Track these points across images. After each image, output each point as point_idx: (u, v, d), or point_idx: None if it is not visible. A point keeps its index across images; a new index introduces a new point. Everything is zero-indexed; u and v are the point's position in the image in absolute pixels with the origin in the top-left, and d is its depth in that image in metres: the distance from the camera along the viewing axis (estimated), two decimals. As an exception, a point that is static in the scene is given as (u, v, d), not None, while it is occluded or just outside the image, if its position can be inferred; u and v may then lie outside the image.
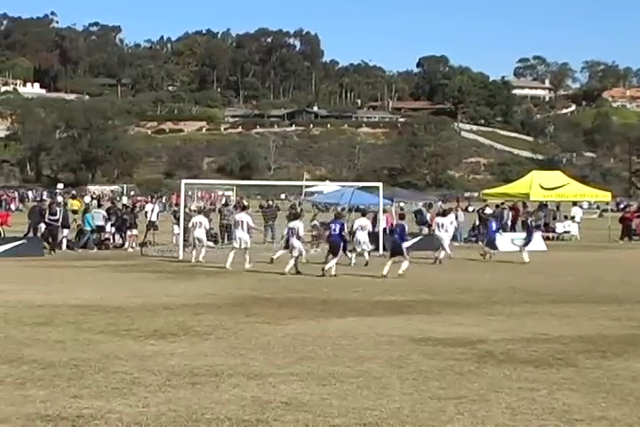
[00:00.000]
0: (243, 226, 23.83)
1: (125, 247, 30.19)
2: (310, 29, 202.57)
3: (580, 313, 14.95)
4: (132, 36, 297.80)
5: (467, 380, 9.36)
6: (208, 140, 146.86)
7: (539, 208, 39.89)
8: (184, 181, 30.24)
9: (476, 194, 75.75)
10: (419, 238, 30.30)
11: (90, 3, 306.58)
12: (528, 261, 26.03)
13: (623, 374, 9.78)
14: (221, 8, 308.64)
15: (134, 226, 30.85)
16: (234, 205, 35.30)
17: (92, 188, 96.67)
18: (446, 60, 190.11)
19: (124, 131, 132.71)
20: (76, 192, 66.88)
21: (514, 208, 38.15)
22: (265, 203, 39.10)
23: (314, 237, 28.74)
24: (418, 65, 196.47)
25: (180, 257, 26.10)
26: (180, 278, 20.64)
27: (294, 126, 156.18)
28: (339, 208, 33.56)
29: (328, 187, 49.18)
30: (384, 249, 28.12)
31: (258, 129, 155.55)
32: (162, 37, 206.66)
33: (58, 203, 33.69)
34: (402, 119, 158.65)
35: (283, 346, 11.36)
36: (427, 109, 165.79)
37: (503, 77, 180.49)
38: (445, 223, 26.95)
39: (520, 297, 17.32)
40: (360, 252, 24.63)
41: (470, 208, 49.11)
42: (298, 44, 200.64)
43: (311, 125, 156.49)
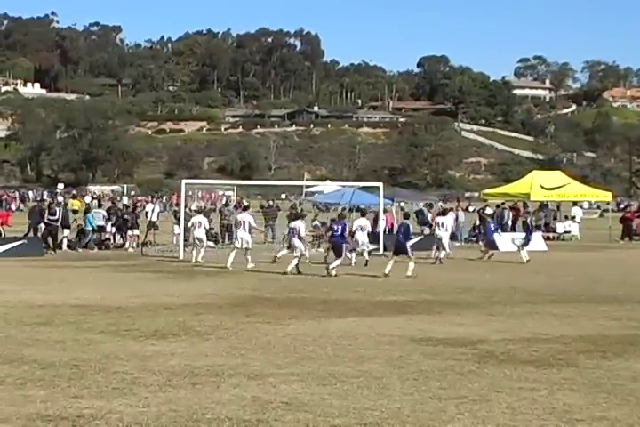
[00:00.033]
0: (244, 226, 23.81)
1: (126, 247, 30.18)
2: (311, 29, 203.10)
3: (581, 313, 14.94)
4: (133, 36, 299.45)
5: (467, 380, 9.36)
6: (208, 140, 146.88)
7: (539, 208, 39.91)
8: (184, 181, 30.23)
9: (476, 194, 75.79)
10: (419, 238, 30.30)
11: (90, 3, 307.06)
12: (526, 260, 26.07)
13: (624, 375, 9.78)
14: (222, 8, 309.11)
15: (136, 226, 30.84)
16: (234, 205, 35.30)
17: (92, 188, 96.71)
18: (447, 60, 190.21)
19: (124, 131, 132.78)
20: (76, 192, 66.96)
21: (514, 208, 38.16)
22: (265, 203, 39.13)
23: (315, 237, 28.74)
24: (418, 65, 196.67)
25: (181, 257, 26.10)
26: (181, 278, 20.64)
27: (295, 126, 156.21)
28: (339, 208, 33.58)
29: (328, 187, 49.21)
30: (385, 249, 28.17)
31: (258, 129, 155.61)
32: (162, 37, 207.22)
33: (57, 203, 33.69)
34: (402, 119, 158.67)
35: (283, 346, 11.36)
36: (427, 109, 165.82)
37: (504, 77, 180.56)
38: (445, 222, 26.97)
39: (521, 297, 17.32)
40: (360, 252, 24.64)
41: (471, 208, 49.08)
42: (298, 44, 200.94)
43: (312, 125, 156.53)
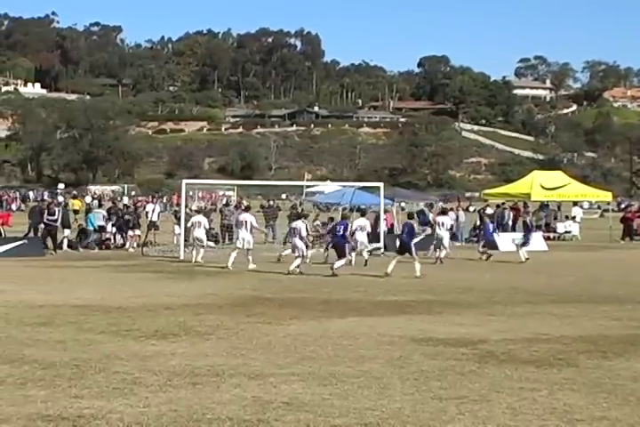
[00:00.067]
0: (246, 226, 23.73)
1: (126, 247, 30.19)
2: (311, 29, 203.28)
3: (582, 313, 14.94)
4: (133, 36, 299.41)
5: (468, 380, 9.35)
6: (209, 141, 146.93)
7: (540, 208, 39.93)
8: (185, 181, 30.19)
9: (476, 194, 75.79)
10: (420, 238, 30.28)
11: (91, 3, 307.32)
12: (525, 260, 26.07)
13: (624, 375, 9.77)
14: (222, 8, 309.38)
15: (137, 226, 30.85)
16: (234, 206, 35.31)
17: (92, 188, 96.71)
18: (447, 60, 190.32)
19: (124, 131, 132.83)
20: (77, 192, 67.04)
21: (515, 208, 38.15)
22: (266, 203, 39.15)
23: (316, 237, 28.71)
24: (419, 65, 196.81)
25: (181, 257, 26.09)
26: (181, 278, 20.63)
27: (295, 126, 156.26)
28: (340, 208, 33.56)
29: (329, 187, 49.13)
30: (385, 249, 28.19)
31: (259, 129, 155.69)
32: (163, 37, 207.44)
33: (56, 203, 33.69)
34: (403, 119, 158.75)
35: (284, 346, 11.36)
36: (427, 109, 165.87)
37: (504, 77, 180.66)
38: (445, 222, 26.97)
39: (521, 297, 17.31)
40: (359, 251, 24.63)
41: (471, 208, 49.11)
42: (299, 44, 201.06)
43: (312, 125, 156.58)
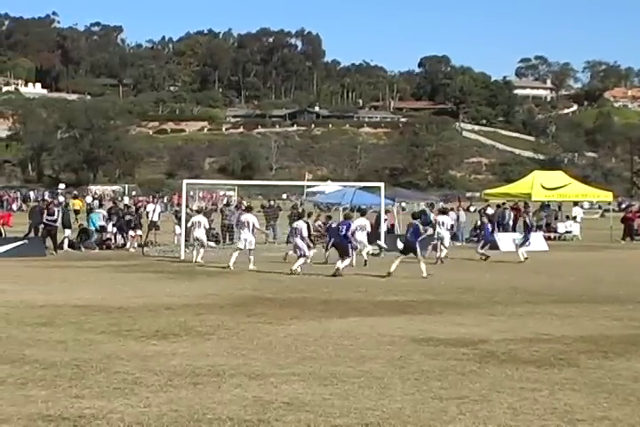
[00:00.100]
0: (248, 227, 23.70)
1: (127, 247, 30.20)
2: (312, 29, 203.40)
3: (582, 313, 14.93)
4: (134, 36, 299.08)
5: (468, 380, 9.35)
6: (209, 141, 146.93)
7: (540, 208, 39.94)
8: (185, 181, 30.18)
9: (477, 194, 75.83)
10: (421, 238, 30.25)
11: (91, 3, 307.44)
12: (523, 260, 26.07)
13: (625, 375, 9.77)
14: (223, 8, 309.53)
15: (139, 226, 30.86)
16: (235, 206, 35.34)
17: (93, 188, 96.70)
18: (448, 60, 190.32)
19: (125, 131, 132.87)
20: (77, 192, 67.10)
21: (515, 208, 38.16)
22: (267, 203, 39.17)
23: (317, 237, 28.73)
24: (419, 65, 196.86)
25: (182, 257, 26.10)
26: (182, 279, 20.62)
27: (296, 126, 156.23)
28: (340, 208, 33.57)
29: (329, 187, 49.21)
30: (383, 248, 28.22)
31: (259, 129, 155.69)
32: (163, 37, 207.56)
33: (56, 203, 33.68)
34: (403, 119, 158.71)
35: (284, 346, 11.36)
36: (428, 109, 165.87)
37: (505, 77, 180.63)
38: (446, 221, 26.97)
39: (522, 297, 17.31)
40: (358, 251, 24.61)
41: (472, 208, 49.10)
42: (299, 44, 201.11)
43: (313, 125, 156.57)
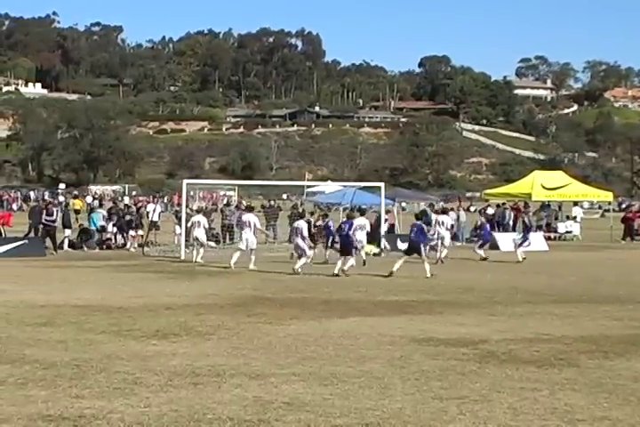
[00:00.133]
0: (250, 226, 23.67)
1: (127, 247, 30.20)
2: (312, 29, 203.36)
3: (582, 313, 14.93)
4: (134, 36, 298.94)
5: (469, 380, 9.35)
6: (210, 141, 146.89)
7: (540, 208, 39.95)
8: (186, 181, 30.19)
9: (477, 194, 75.85)
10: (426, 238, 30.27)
11: (92, 3, 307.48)
12: (521, 260, 26.05)
13: (625, 375, 9.76)
14: (223, 8, 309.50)
15: (140, 226, 30.87)
16: (235, 206, 35.36)
17: (93, 188, 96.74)
18: (448, 60, 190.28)
19: (125, 131, 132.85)
20: (77, 192, 67.12)
21: (516, 208, 38.17)
22: (267, 203, 39.18)
23: (320, 237, 28.69)
24: (419, 65, 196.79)
25: (182, 257, 26.09)
26: (182, 278, 20.63)
27: (296, 126, 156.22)
28: (340, 208, 33.59)
29: (330, 187, 49.18)
30: (386, 249, 28.24)
31: (259, 129, 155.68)
32: (164, 37, 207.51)
33: (55, 203, 33.66)
34: (403, 119, 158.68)
35: (284, 346, 11.35)
36: (428, 109, 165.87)
37: (505, 77, 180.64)
38: (446, 221, 26.96)
39: (522, 297, 17.31)
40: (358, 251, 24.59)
41: (472, 208, 49.10)
42: (300, 44, 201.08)
43: (313, 125, 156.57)
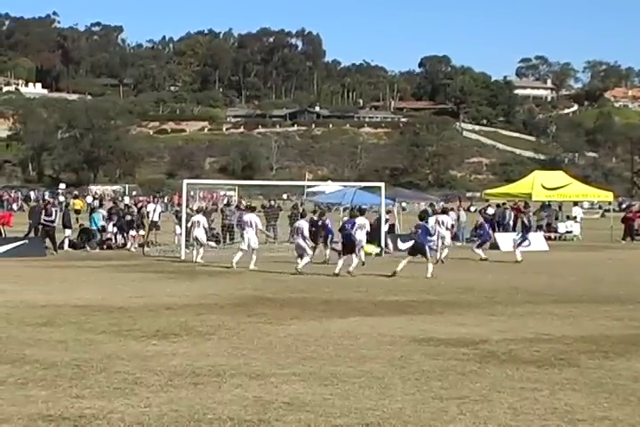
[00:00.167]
0: (252, 226, 23.67)
1: (128, 247, 30.20)
2: (312, 29, 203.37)
3: (583, 313, 14.93)
4: (134, 36, 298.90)
5: (469, 380, 9.34)
6: (210, 141, 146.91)
7: (541, 208, 39.95)
8: (186, 181, 30.19)
9: (478, 194, 75.87)
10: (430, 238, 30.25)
11: (92, 3, 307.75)
12: (520, 260, 26.03)
13: (625, 375, 9.76)
14: (223, 8, 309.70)
15: (142, 226, 30.88)
16: (235, 206, 35.38)
17: (94, 188, 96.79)
18: (448, 60, 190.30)
19: (125, 131, 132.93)
20: (78, 192, 67.14)
21: (516, 208, 38.16)
22: (267, 203, 39.21)
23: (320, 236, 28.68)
24: (420, 65, 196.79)
25: (182, 257, 26.09)
26: (182, 278, 20.63)
27: (296, 126, 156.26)
28: (340, 208, 33.61)
29: (330, 187, 49.20)
30: (386, 249, 28.25)
31: (260, 129, 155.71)
32: (164, 37, 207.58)
33: (54, 204, 33.64)
34: (404, 119, 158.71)
35: (285, 346, 11.35)
36: (429, 109, 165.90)
37: (505, 77, 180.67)
38: (446, 221, 26.96)
39: (522, 297, 17.30)
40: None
41: (472, 208, 49.11)
42: (300, 44, 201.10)
43: (313, 125, 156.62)
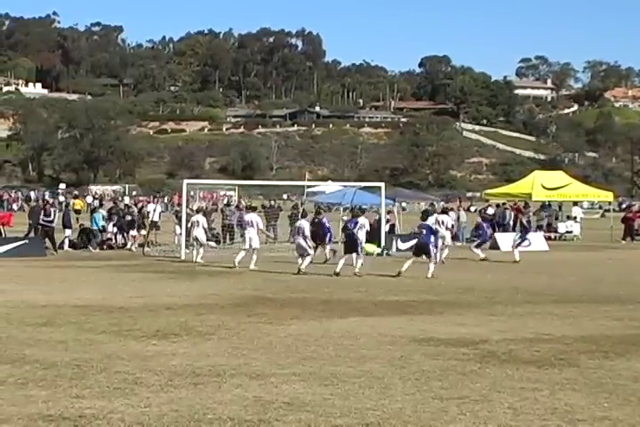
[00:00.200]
0: (253, 226, 23.69)
1: (128, 247, 30.19)
2: (312, 29, 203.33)
3: (583, 313, 14.93)
4: (134, 36, 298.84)
5: (469, 380, 9.34)
6: (210, 141, 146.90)
7: (541, 208, 39.96)
8: (186, 181, 30.18)
9: (478, 194, 75.89)
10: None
11: (92, 3, 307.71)
12: (518, 260, 26.03)
13: (625, 375, 9.76)
14: (223, 8, 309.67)
15: (143, 226, 30.88)
16: (235, 206, 35.40)
17: (94, 188, 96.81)
18: (448, 60, 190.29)
19: (126, 131, 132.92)
20: (78, 192, 67.16)
21: (516, 208, 38.16)
22: (267, 203, 39.23)
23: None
24: (420, 65, 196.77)
25: (182, 257, 26.09)
26: (183, 278, 20.63)
27: (296, 126, 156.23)
28: (341, 208, 33.60)
29: (330, 187, 49.16)
30: (388, 249, 28.27)
31: (260, 129, 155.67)
32: (164, 37, 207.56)
33: (52, 204, 33.60)
34: (404, 119, 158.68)
35: (285, 346, 11.35)
36: (429, 109, 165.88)
37: (505, 77, 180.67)
38: (446, 221, 26.95)
39: (522, 297, 17.30)
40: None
41: (472, 208, 49.10)
42: (300, 44, 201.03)
43: (313, 125, 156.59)
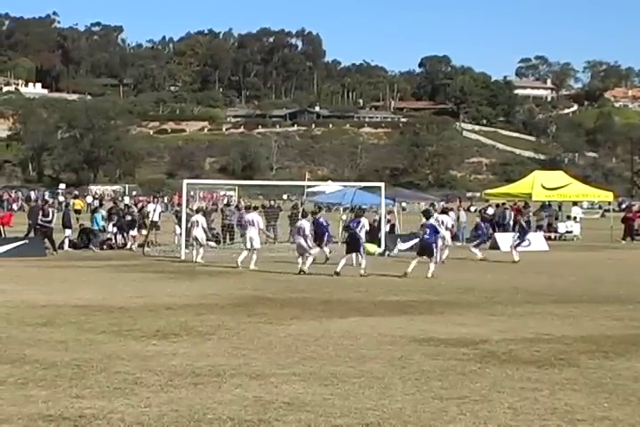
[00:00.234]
0: (254, 225, 23.69)
1: (128, 247, 30.19)
2: (312, 29, 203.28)
3: (583, 313, 14.93)
4: (134, 36, 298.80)
5: (469, 380, 9.34)
6: (210, 141, 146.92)
7: (541, 208, 39.96)
8: (186, 181, 30.17)
9: (478, 194, 75.90)
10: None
11: (92, 3, 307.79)
12: (517, 260, 26.02)
13: (625, 375, 9.76)
14: (223, 8, 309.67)
15: (144, 226, 30.88)
16: (235, 206, 35.41)
17: (94, 188, 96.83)
18: (448, 60, 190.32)
19: (125, 131, 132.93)
20: (78, 192, 67.17)
21: (516, 208, 38.16)
22: (267, 203, 39.24)
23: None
24: (420, 65, 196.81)
25: (182, 257, 26.09)
26: (183, 278, 20.63)
27: (296, 126, 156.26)
28: (341, 208, 33.63)
29: (330, 187, 49.17)
30: (388, 249, 28.28)
31: (260, 129, 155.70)
32: (164, 37, 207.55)
33: (51, 204, 33.59)
34: (404, 119, 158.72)
35: (285, 346, 11.35)
36: (429, 109, 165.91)
37: (505, 77, 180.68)
38: (446, 221, 26.95)
39: (522, 297, 17.30)
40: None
41: (472, 208, 49.08)
42: (300, 44, 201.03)
43: (313, 125, 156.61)
